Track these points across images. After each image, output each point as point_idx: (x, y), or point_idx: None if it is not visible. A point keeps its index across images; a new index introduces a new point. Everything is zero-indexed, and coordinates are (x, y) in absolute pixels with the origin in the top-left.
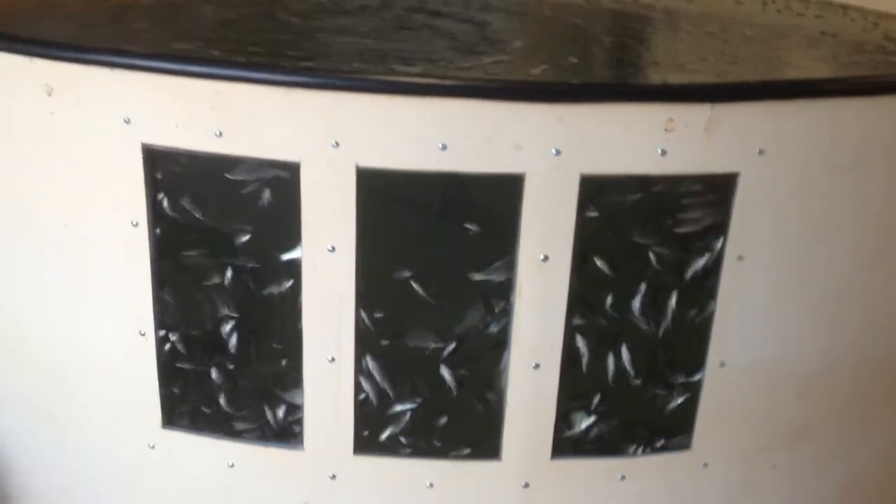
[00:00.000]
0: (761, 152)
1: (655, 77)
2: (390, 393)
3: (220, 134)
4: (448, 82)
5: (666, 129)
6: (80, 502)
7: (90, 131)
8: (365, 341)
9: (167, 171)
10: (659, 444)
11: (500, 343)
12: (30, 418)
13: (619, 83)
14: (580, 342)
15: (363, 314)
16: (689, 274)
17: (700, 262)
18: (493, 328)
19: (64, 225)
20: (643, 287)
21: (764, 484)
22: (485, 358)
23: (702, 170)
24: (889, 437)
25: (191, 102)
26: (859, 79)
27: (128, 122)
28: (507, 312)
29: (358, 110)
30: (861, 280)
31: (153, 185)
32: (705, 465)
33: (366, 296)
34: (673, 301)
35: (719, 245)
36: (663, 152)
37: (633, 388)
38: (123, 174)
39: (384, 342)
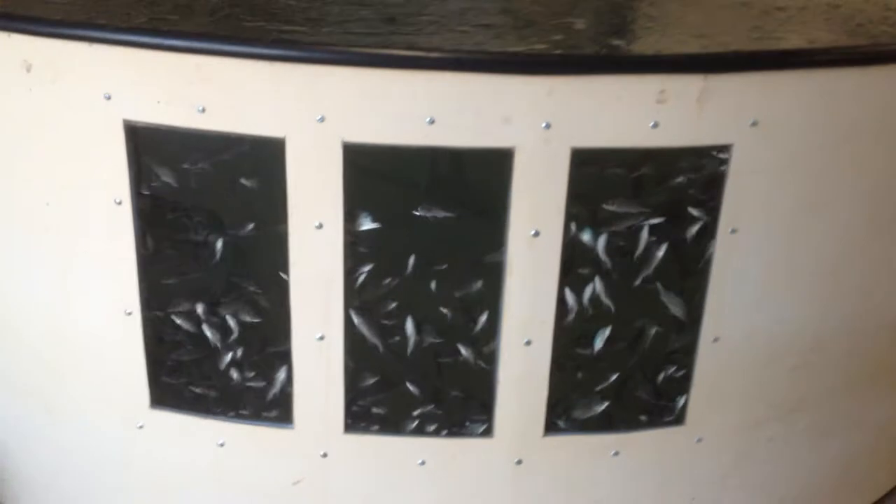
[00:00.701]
0: (755, 123)
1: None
2: (380, 371)
3: (203, 110)
4: (435, 55)
5: (658, 101)
6: (70, 484)
7: (70, 108)
8: (354, 319)
9: (150, 147)
10: (652, 419)
11: (491, 319)
12: (17, 400)
13: (609, 54)
14: (572, 318)
15: (351, 292)
16: (681, 248)
17: (693, 236)
18: (484, 305)
19: (46, 204)
20: (635, 261)
21: (759, 458)
22: (476, 335)
23: (694, 142)
24: (885, 409)
25: (171, 77)
26: (853, 48)
27: (108, 98)
28: (497, 289)
29: (343, 84)
30: (856, 252)
31: (136, 163)
32: (699, 440)
33: (354, 272)
34: (666, 276)
35: (712, 218)
36: (655, 124)
37: (626, 364)
38: (105, 152)
39: (373, 319)
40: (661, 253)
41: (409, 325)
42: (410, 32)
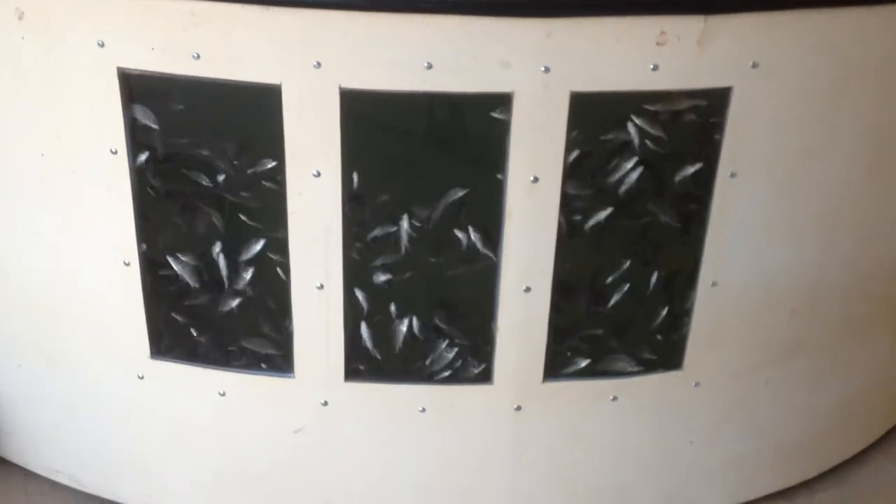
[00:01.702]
0: (755, 65)
1: None
2: (381, 319)
3: (198, 56)
4: None
5: (658, 43)
6: (72, 435)
7: (63, 56)
8: (353, 267)
9: (145, 95)
10: (650, 364)
11: (491, 267)
12: (19, 353)
13: None
14: (570, 264)
15: (350, 240)
16: (680, 192)
17: (691, 180)
18: (483, 252)
19: (42, 154)
20: (634, 207)
21: (757, 401)
22: (475, 282)
23: (694, 84)
24: (881, 353)
25: (166, 24)
26: None
27: (102, 45)
28: (496, 236)
29: (339, 29)
30: (855, 196)
31: (131, 111)
32: (697, 384)
33: (352, 221)
34: (663, 220)
35: (711, 162)
36: (655, 67)
37: (625, 309)
38: (100, 100)
39: (373, 267)
40: (659, 197)
41: (407, 272)
42: None
